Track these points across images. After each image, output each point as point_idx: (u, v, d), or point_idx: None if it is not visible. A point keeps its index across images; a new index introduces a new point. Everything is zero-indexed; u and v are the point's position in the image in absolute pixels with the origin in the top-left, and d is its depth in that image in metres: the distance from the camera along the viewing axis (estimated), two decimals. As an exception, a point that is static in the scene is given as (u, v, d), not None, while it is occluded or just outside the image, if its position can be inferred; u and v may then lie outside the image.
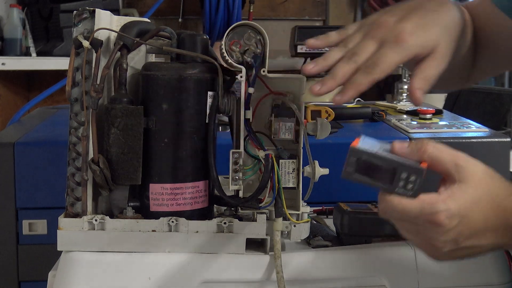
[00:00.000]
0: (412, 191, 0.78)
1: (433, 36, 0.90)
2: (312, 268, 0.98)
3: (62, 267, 0.96)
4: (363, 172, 0.79)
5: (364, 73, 0.86)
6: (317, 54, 3.15)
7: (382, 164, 0.78)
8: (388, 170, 0.78)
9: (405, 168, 0.77)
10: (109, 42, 1.00)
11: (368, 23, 0.92)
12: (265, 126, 1.02)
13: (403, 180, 0.78)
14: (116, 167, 0.95)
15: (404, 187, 0.78)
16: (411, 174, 0.77)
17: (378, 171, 0.78)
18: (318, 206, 1.20)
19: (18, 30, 2.89)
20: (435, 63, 0.89)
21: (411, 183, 0.78)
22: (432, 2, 0.94)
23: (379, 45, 0.88)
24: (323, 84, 0.86)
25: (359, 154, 0.78)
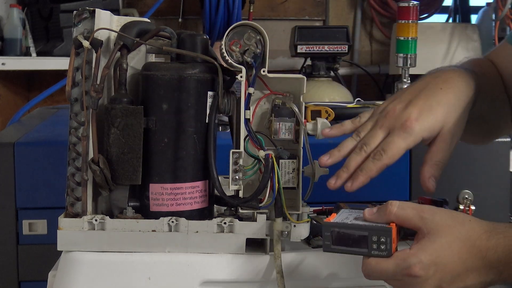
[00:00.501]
0: (386, 251, 0.84)
1: (438, 117, 0.95)
2: (312, 268, 0.98)
3: (62, 267, 0.96)
4: (339, 243, 0.86)
5: (374, 160, 0.95)
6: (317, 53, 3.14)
7: (354, 233, 0.85)
8: (361, 237, 0.85)
9: (374, 231, 0.84)
10: (109, 42, 1.00)
11: (379, 111, 0.98)
12: (265, 126, 1.02)
13: (376, 242, 0.84)
14: (116, 167, 0.95)
15: (378, 249, 0.84)
16: (381, 236, 0.84)
17: (353, 239, 0.85)
18: (318, 206, 1.20)
19: (18, 30, 2.89)
20: (444, 145, 0.94)
21: (383, 244, 0.84)
22: (438, 79, 0.97)
23: (388, 133, 0.95)
24: (338, 177, 0.96)
25: (331, 228, 0.86)
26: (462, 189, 1.63)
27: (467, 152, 1.61)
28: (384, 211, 0.86)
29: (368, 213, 0.88)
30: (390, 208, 0.86)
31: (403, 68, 2.04)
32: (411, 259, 0.83)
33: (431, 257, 0.82)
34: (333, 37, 2.90)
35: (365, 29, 3.63)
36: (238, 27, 0.98)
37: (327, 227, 0.87)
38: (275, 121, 0.99)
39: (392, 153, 0.94)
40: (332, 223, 0.87)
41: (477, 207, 1.62)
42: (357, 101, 2.04)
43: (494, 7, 3.27)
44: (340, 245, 0.86)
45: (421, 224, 0.85)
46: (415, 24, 2.02)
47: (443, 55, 3.21)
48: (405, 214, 0.86)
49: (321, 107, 1.48)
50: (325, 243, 0.87)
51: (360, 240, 0.85)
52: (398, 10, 2.05)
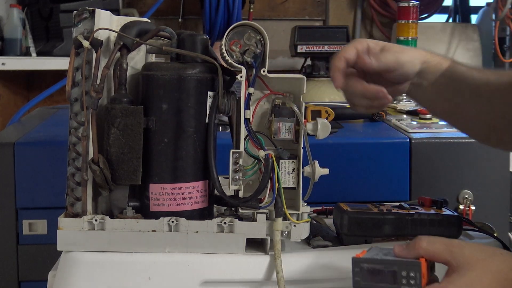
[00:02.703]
0: (416, 286, 0.83)
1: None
2: (312, 268, 0.98)
3: (62, 267, 0.96)
4: (369, 279, 0.86)
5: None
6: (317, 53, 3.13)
7: (383, 268, 0.85)
8: (390, 272, 0.85)
9: (403, 266, 0.84)
10: (109, 42, 1.00)
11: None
12: (265, 126, 1.02)
13: (405, 277, 0.84)
14: (116, 167, 0.95)
15: (408, 284, 0.84)
16: (410, 271, 0.84)
17: (382, 275, 0.85)
18: (318, 206, 1.20)
19: (18, 30, 2.89)
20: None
21: (412, 278, 0.83)
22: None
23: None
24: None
25: (360, 264, 0.86)
26: (462, 189, 1.63)
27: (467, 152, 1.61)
28: (413, 246, 0.86)
29: (397, 249, 0.87)
30: (419, 243, 0.85)
31: (403, 68, 2.04)
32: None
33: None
34: (333, 37, 2.90)
35: (365, 29, 3.63)
36: (238, 27, 0.98)
37: (357, 263, 0.86)
38: (275, 121, 0.99)
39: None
40: (361, 259, 0.86)
41: (477, 207, 1.62)
42: (357, 101, 2.04)
43: (494, 7, 3.27)
44: (370, 281, 0.86)
45: (451, 258, 0.84)
46: (415, 24, 2.02)
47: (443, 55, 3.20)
48: (434, 248, 0.85)
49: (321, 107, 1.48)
50: (354, 279, 0.86)
51: (389, 275, 0.85)
52: (398, 10, 2.05)
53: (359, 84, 1.08)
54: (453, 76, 1.11)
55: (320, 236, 1.05)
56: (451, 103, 1.12)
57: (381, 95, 1.06)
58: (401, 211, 1.05)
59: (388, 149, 1.61)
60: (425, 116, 1.80)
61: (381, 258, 0.86)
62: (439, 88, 1.11)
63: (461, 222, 1.06)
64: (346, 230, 1.03)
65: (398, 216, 1.04)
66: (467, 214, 1.60)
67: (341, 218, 1.04)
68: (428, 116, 1.81)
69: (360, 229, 1.03)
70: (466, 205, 1.62)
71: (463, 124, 1.15)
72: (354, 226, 1.03)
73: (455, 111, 1.13)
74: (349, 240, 1.03)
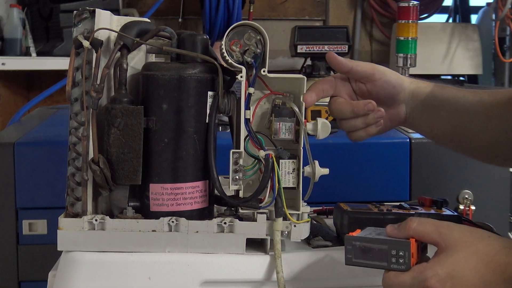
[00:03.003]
0: (404, 264, 0.86)
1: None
2: (312, 268, 0.98)
3: (62, 267, 0.96)
4: (361, 256, 0.88)
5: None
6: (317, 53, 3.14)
7: (374, 247, 0.88)
8: (381, 250, 0.87)
9: (394, 245, 0.87)
10: (109, 42, 1.00)
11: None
12: (265, 126, 1.02)
13: (395, 256, 0.86)
14: (116, 167, 0.95)
15: (397, 262, 0.86)
16: (400, 250, 0.86)
17: (373, 253, 0.88)
18: (318, 206, 1.20)
19: (18, 30, 2.89)
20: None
21: (401, 257, 0.86)
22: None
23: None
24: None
25: (352, 241, 0.89)
26: (462, 189, 1.63)
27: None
28: (404, 226, 0.88)
29: (389, 229, 0.89)
30: (410, 223, 0.87)
31: (403, 68, 2.04)
32: (427, 271, 0.83)
33: (447, 270, 0.83)
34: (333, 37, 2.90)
35: (365, 29, 3.63)
36: (238, 27, 0.98)
37: (349, 240, 0.89)
38: (275, 121, 0.99)
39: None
40: (354, 237, 0.89)
41: (477, 207, 1.62)
42: (357, 101, 2.04)
43: (494, 7, 3.27)
44: (361, 258, 0.88)
45: (439, 239, 0.86)
46: (415, 24, 2.02)
47: (443, 55, 3.20)
48: (424, 229, 0.87)
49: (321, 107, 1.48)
50: (347, 256, 0.89)
51: (380, 253, 0.87)
52: (398, 10, 2.05)
53: (346, 104, 1.08)
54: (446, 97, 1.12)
55: (320, 236, 1.05)
56: (450, 125, 1.13)
57: (370, 107, 1.06)
58: (401, 211, 1.05)
59: (388, 149, 1.61)
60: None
61: (373, 237, 0.88)
62: (435, 111, 1.13)
63: (461, 222, 1.06)
64: (346, 230, 1.03)
65: (398, 216, 1.04)
66: (467, 214, 1.60)
67: (341, 218, 1.04)
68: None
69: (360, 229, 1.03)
70: (466, 205, 1.62)
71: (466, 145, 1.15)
72: (354, 226, 1.03)
73: (455, 132, 1.14)
74: (349, 240, 1.03)
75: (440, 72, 3.23)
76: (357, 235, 0.89)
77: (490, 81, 3.56)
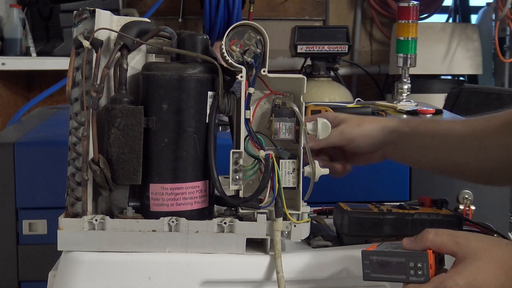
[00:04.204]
0: (423, 276, 0.86)
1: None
2: (312, 268, 0.98)
3: (62, 267, 0.96)
4: (379, 271, 0.88)
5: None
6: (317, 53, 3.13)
7: (392, 260, 0.87)
8: (399, 263, 0.87)
9: (411, 257, 0.86)
10: (109, 42, 1.00)
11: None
12: (265, 126, 1.02)
13: (413, 268, 0.86)
14: (116, 167, 0.95)
15: (416, 274, 0.86)
16: (418, 262, 0.86)
17: (391, 266, 0.87)
18: (318, 206, 1.20)
19: (18, 30, 2.89)
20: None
21: (420, 269, 0.86)
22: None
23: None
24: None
25: (369, 256, 0.88)
26: (462, 189, 1.63)
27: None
28: (420, 238, 0.88)
29: (406, 242, 0.89)
30: (426, 235, 0.87)
31: (403, 68, 2.04)
32: (447, 282, 0.83)
33: (467, 279, 0.83)
34: (333, 37, 2.90)
35: (365, 29, 3.63)
36: (238, 27, 0.98)
37: (366, 255, 0.89)
38: (275, 121, 0.99)
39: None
40: (371, 252, 0.89)
41: (477, 207, 1.62)
42: (357, 101, 2.04)
43: (494, 7, 3.27)
44: (380, 273, 0.88)
45: (457, 249, 0.86)
46: (415, 24, 2.02)
47: (443, 55, 3.21)
48: (440, 240, 0.87)
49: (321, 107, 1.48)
50: (364, 271, 0.89)
51: (398, 266, 0.87)
52: (398, 10, 2.05)
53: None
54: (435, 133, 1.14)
55: (320, 236, 1.05)
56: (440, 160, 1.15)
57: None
58: (401, 211, 1.05)
59: (388, 149, 1.60)
60: (425, 116, 1.80)
61: (389, 250, 0.88)
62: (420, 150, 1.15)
63: (461, 222, 1.06)
64: (346, 230, 1.03)
65: (398, 216, 1.04)
66: (467, 214, 1.60)
67: (341, 218, 1.04)
68: (428, 116, 1.81)
69: (360, 229, 1.03)
70: (466, 205, 1.62)
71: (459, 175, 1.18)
72: (354, 226, 1.03)
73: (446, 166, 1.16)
74: (349, 240, 1.03)
75: (440, 72, 3.24)
76: (373, 250, 0.89)
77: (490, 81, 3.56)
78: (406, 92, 2.04)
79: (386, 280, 0.88)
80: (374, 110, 1.78)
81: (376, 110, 1.79)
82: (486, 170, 1.11)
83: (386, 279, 0.88)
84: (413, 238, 0.89)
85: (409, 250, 0.88)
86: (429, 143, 1.14)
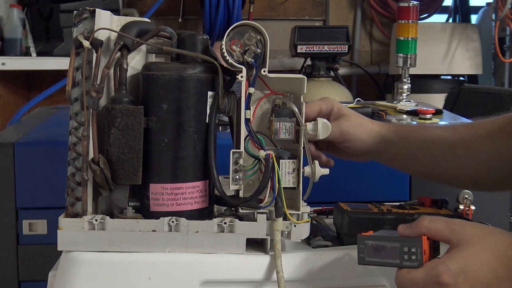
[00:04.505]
0: (417, 261, 0.86)
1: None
2: (312, 268, 0.98)
3: (62, 267, 0.96)
4: (373, 255, 0.89)
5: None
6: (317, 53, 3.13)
7: (386, 245, 0.88)
8: (393, 248, 0.88)
9: (406, 242, 0.87)
10: (109, 42, 1.00)
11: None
12: (265, 126, 1.02)
13: (407, 253, 0.87)
14: (116, 167, 0.95)
15: (409, 259, 0.87)
16: (412, 247, 0.87)
17: (386, 251, 0.88)
18: (318, 206, 1.20)
19: (18, 30, 2.89)
20: None
21: (413, 254, 0.87)
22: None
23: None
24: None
25: (365, 240, 0.90)
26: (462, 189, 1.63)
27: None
28: (416, 225, 0.88)
29: (401, 228, 0.90)
30: (422, 221, 0.88)
31: (403, 68, 2.04)
32: (439, 266, 0.84)
33: (459, 264, 0.83)
34: (333, 37, 2.90)
35: (365, 29, 3.63)
36: (238, 27, 0.98)
37: (362, 239, 0.90)
38: (275, 121, 0.99)
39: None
40: (366, 236, 0.90)
41: (477, 207, 1.62)
42: (357, 101, 2.04)
43: (494, 7, 3.27)
44: (374, 257, 0.89)
45: (451, 236, 0.86)
46: (415, 24, 2.02)
47: (443, 55, 3.21)
48: (435, 226, 0.87)
49: (321, 107, 1.48)
50: (359, 255, 0.90)
51: (392, 251, 0.88)
52: (398, 10, 2.05)
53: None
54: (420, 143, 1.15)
55: (320, 236, 1.05)
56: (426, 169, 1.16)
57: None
58: (401, 211, 1.05)
59: (388, 149, 1.60)
60: (425, 116, 1.80)
61: (385, 235, 0.89)
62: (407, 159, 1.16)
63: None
64: (346, 230, 1.03)
65: (398, 216, 1.04)
66: (467, 214, 1.60)
67: (341, 218, 1.04)
68: (428, 116, 1.81)
69: (360, 229, 1.03)
70: (466, 205, 1.62)
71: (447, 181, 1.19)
72: (354, 226, 1.03)
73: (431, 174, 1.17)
74: (349, 240, 1.03)
75: (440, 72, 3.23)
76: (369, 235, 0.90)
77: (490, 81, 3.57)
78: (406, 92, 2.04)
79: (380, 264, 0.89)
80: (374, 110, 1.78)
81: (376, 110, 1.78)
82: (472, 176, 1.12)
83: (380, 264, 0.88)
84: (409, 224, 0.89)
85: (405, 236, 0.88)
86: (416, 153, 1.15)
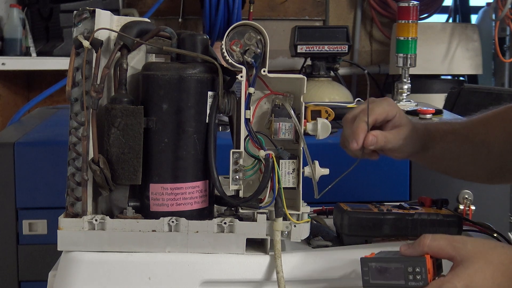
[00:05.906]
0: (422, 281, 0.87)
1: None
2: (312, 268, 0.98)
3: (62, 267, 0.96)
4: (378, 277, 0.89)
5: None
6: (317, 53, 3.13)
7: (390, 266, 0.88)
8: (397, 269, 0.88)
9: (409, 262, 0.87)
10: (109, 42, 1.00)
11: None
12: (265, 126, 1.02)
13: (412, 273, 0.87)
14: (116, 167, 0.95)
15: (414, 279, 0.87)
16: (416, 267, 0.87)
17: (390, 272, 0.88)
18: (318, 206, 1.20)
19: (18, 30, 2.89)
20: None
21: (418, 274, 0.87)
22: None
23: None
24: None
25: (368, 263, 0.89)
26: (462, 189, 1.63)
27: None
28: (418, 244, 0.89)
29: (403, 248, 0.90)
30: (423, 240, 0.88)
31: (403, 68, 2.04)
32: (446, 285, 0.84)
33: (464, 281, 0.84)
34: (333, 37, 2.90)
35: (365, 29, 3.63)
36: (238, 27, 0.98)
37: (365, 262, 0.89)
38: (275, 121, 0.99)
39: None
40: (369, 258, 0.90)
41: (477, 207, 1.62)
42: (357, 101, 2.04)
43: (494, 7, 3.27)
44: (379, 279, 0.89)
45: (454, 253, 0.87)
46: (415, 24, 2.03)
47: (443, 55, 3.20)
48: (437, 244, 0.87)
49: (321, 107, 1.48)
50: (364, 278, 0.90)
51: (396, 272, 0.88)
52: (398, 10, 2.05)
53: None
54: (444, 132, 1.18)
55: (320, 236, 1.05)
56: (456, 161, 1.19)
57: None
58: (401, 211, 1.05)
59: (388, 149, 1.60)
60: (425, 116, 1.80)
61: (388, 257, 0.89)
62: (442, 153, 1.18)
63: (461, 222, 1.06)
64: (346, 230, 1.03)
65: (398, 216, 1.04)
66: (467, 214, 1.60)
67: (341, 218, 1.04)
68: (428, 116, 1.81)
69: (360, 229, 1.03)
70: (466, 205, 1.62)
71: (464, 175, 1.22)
72: (354, 226, 1.03)
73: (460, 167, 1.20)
74: (349, 240, 1.03)
75: (440, 72, 3.23)
76: (372, 257, 0.90)
77: (490, 81, 3.56)
78: (406, 92, 2.04)
79: (386, 286, 0.88)
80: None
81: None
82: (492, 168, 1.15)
83: (386, 285, 0.88)
84: (411, 244, 0.89)
85: (407, 256, 0.88)
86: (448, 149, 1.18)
